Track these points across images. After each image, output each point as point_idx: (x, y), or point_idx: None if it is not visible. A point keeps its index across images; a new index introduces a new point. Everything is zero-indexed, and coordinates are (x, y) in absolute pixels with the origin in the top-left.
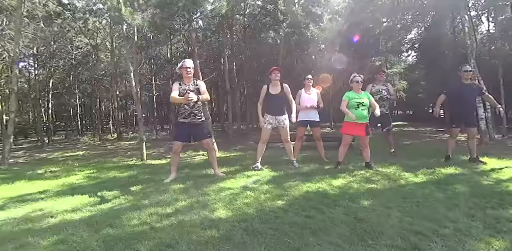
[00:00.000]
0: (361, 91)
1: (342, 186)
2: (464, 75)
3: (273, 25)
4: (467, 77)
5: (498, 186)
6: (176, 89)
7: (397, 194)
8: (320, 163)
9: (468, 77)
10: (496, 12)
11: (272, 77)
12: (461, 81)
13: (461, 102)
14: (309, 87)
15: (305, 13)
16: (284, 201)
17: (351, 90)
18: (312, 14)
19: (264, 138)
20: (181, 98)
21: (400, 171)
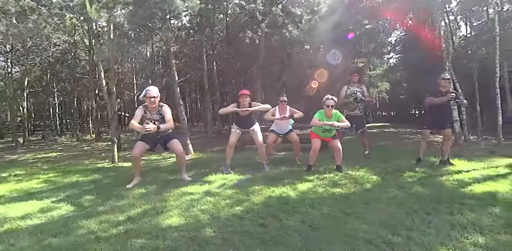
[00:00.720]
0: (332, 112)
1: (307, 191)
2: (442, 83)
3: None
4: (445, 85)
5: (461, 190)
6: (138, 116)
7: (360, 199)
8: (291, 166)
9: (446, 85)
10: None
11: (240, 101)
12: (438, 88)
13: (437, 110)
14: (283, 106)
15: (285, 14)
16: (242, 208)
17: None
18: (291, 15)
19: (232, 141)
20: (139, 127)
21: (369, 174)
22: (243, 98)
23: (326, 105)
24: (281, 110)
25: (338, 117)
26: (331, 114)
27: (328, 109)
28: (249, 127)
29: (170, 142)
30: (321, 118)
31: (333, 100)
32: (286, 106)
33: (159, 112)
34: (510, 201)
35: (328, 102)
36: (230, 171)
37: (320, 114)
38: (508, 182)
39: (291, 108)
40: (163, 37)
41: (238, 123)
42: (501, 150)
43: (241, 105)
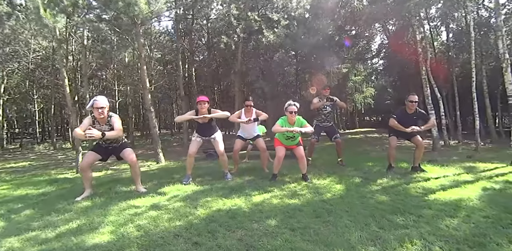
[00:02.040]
0: (295, 118)
1: (261, 203)
2: (409, 105)
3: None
4: (411, 107)
5: (424, 198)
6: (85, 124)
7: (314, 211)
8: (257, 175)
9: (413, 108)
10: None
11: (198, 108)
12: (405, 110)
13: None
14: (248, 109)
15: (261, 19)
16: (184, 223)
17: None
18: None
19: (192, 150)
20: (82, 134)
21: (334, 183)
22: (201, 104)
23: (289, 111)
24: (246, 113)
25: (301, 123)
26: (294, 121)
27: (291, 115)
28: (209, 135)
29: (123, 152)
30: (283, 125)
31: (295, 106)
32: (252, 109)
33: (109, 122)
34: (471, 211)
35: (290, 108)
36: (189, 182)
37: (283, 121)
38: (475, 188)
39: (257, 110)
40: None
41: (198, 131)
42: (478, 155)
43: (199, 112)
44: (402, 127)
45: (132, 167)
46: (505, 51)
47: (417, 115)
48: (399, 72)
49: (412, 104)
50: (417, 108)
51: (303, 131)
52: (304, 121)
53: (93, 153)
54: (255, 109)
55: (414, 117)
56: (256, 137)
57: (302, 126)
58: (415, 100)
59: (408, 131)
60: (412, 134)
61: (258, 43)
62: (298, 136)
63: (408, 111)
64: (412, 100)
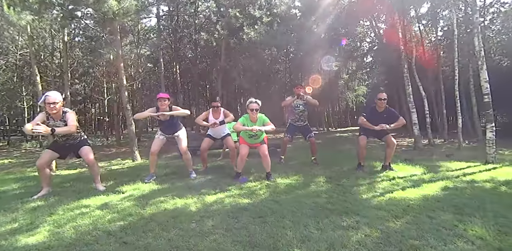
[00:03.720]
0: (257, 116)
1: (212, 202)
2: (378, 103)
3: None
4: (381, 105)
5: (378, 200)
6: (36, 120)
7: (259, 211)
8: (224, 174)
9: (382, 106)
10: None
11: (159, 105)
12: (375, 108)
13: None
14: (217, 110)
15: (243, 16)
16: (125, 222)
17: None
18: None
19: (154, 148)
20: (29, 130)
21: (296, 183)
22: (161, 101)
23: (250, 109)
24: (214, 114)
25: (263, 121)
26: (256, 118)
27: (252, 113)
28: (172, 133)
29: (81, 150)
30: (245, 123)
31: (257, 104)
32: (220, 109)
33: (63, 118)
34: (420, 212)
35: (251, 106)
36: (151, 181)
37: (244, 118)
38: (436, 188)
39: (225, 111)
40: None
41: (161, 129)
42: (459, 154)
43: (159, 109)
44: (371, 125)
45: (90, 166)
46: (480, 49)
47: (387, 113)
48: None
49: (381, 102)
50: (387, 106)
51: (263, 129)
52: (266, 119)
53: (49, 151)
54: (223, 109)
55: (384, 115)
56: (225, 135)
57: (264, 124)
58: (384, 98)
59: (377, 129)
60: (383, 133)
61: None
62: (261, 134)
63: (378, 110)
64: (380, 97)
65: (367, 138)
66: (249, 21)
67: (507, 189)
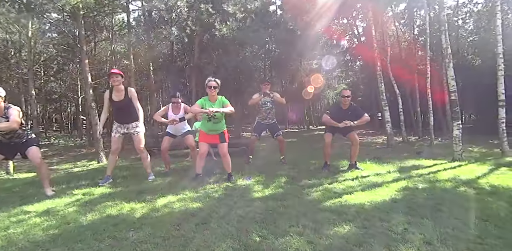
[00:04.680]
0: (217, 97)
1: (160, 207)
2: (342, 100)
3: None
4: (345, 103)
5: (333, 202)
6: None
7: (206, 216)
8: (185, 176)
9: (346, 103)
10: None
11: (111, 82)
12: (339, 105)
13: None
14: (177, 106)
15: (216, 11)
16: (60, 231)
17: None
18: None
19: (113, 148)
20: None
21: (256, 184)
22: (113, 78)
23: (208, 86)
24: (174, 110)
25: (222, 102)
26: (216, 98)
27: (211, 91)
28: (128, 122)
29: (28, 150)
30: (203, 104)
31: (215, 82)
32: (180, 105)
33: (6, 115)
34: (373, 214)
35: (210, 83)
36: (105, 184)
37: (203, 100)
38: (396, 188)
39: (186, 106)
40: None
41: (116, 117)
42: (429, 151)
43: (114, 90)
44: (334, 122)
45: (38, 168)
46: (447, 46)
47: (351, 110)
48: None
49: (344, 99)
50: (351, 103)
51: (221, 111)
52: (226, 101)
53: None
54: (183, 105)
55: (348, 113)
56: (185, 133)
57: (223, 106)
58: (347, 95)
59: (341, 126)
60: (347, 130)
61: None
62: (221, 120)
63: (342, 107)
64: (344, 95)
65: (333, 135)
66: (222, 17)
67: (467, 188)
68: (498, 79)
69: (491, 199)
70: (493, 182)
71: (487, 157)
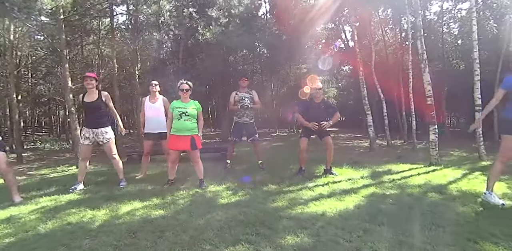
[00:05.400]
0: (189, 100)
1: (122, 215)
2: (314, 93)
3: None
4: (317, 95)
5: (296, 208)
6: None
7: (164, 224)
8: (155, 182)
9: (318, 96)
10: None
11: (85, 85)
12: (312, 99)
13: (311, 119)
14: (154, 94)
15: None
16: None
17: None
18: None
19: (83, 155)
20: None
21: (225, 190)
22: (88, 81)
23: (181, 89)
24: (152, 98)
25: (195, 104)
26: (188, 101)
27: (183, 93)
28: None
29: None
30: (175, 106)
31: (188, 85)
32: (157, 94)
33: None
34: (331, 221)
35: (182, 86)
36: (75, 190)
37: (176, 102)
38: (365, 194)
39: (165, 99)
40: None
41: (86, 121)
42: (411, 155)
43: (87, 93)
44: (306, 123)
45: (4, 175)
46: (423, 52)
47: (324, 104)
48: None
49: (317, 91)
50: (325, 98)
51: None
52: (199, 107)
53: None
54: (162, 97)
55: (322, 106)
56: (161, 133)
57: (198, 110)
58: (318, 88)
59: (312, 127)
60: (323, 134)
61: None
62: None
63: (315, 100)
64: (316, 87)
65: (309, 140)
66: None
67: (434, 194)
68: (475, 84)
69: (455, 204)
70: (462, 187)
71: (464, 161)
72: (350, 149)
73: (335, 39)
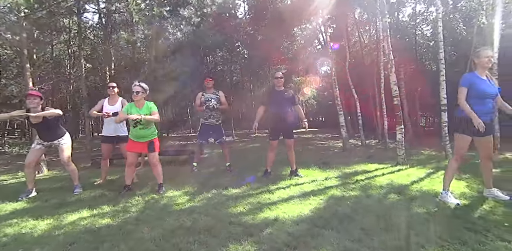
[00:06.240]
0: (144, 102)
1: (66, 225)
2: (275, 82)
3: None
4: (278, 84)
5: (244, 214)
6: None
7: (105, 235)
8: (112, 188)
9: (279, 84)
10: None
11: (28, 103)
12: (274, 88)
13: (274, 108)
14: (113, 97)
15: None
16: None
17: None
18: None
19: (27, 161)
20: None
21: (182, 195)
22: (30, 99)
23: (134, 91)
24: (111, 100)
25: (150, 109)
26: (142, 104)
27: (135, 96)
28: (52, 139)
29: None
30: (128, 110)
31: (141, 87)
32: (117, 96)
33: None
34: (282, 226)
35: (135, 88)
36: (24, 198)
37: (129, 106)
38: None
39: (124, 101)
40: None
41: (38, 135)
42: (381, 155)
43: (31, 109)
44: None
45: None
46: (390, 52)
47: (287, 92)
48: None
49: (277, 80)
50: (286, 87)
51: (143, 118)
52: (154, 108)
53: None
54: (121, 99)
55: (285, 93)
56: (123, 137)
57: (151, 114)
58: (279, 76)
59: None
60: (289, 135)
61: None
62: (148, 125)
63: (277, 89)
64: (276, 76)
65: (277, 140)
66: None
67: (394, 195)
68: (440, 84)
69: (412, 205)
70: (423, 187)
71: (431, 160)
72: (324, 149)
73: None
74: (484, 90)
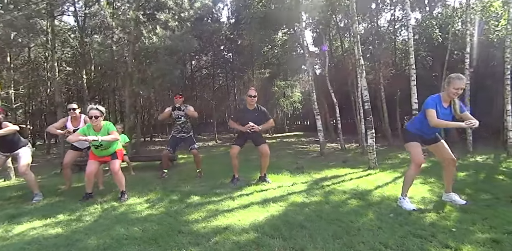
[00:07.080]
0: (99, 124)
1: (12, 236)
2: (248, 100)
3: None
4: (250, 102)
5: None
6: None
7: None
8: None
9: (252, 103)
10: None
11: None
12: (246, 106)
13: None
14: (76, 118)
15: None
16: None
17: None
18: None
19: None
20: None
21: (143, 203)
22: None
23: (89, 116)
24: (73, 122)
25: (107, 130)
26: (99, 127)
27: (92, 121)
28: (10, 151)
29: None
30: (86, 132)
31: (98, 110)
32: (79, 115)
33: None
34: (233, 234)
35: (91, 113)
36: None
37: (86, 128)
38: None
39: (87, 118)
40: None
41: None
42: (357, 159)
43: None
44: (238, 126)
45: None
46: (360, 57)
47: (258, 111)
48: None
49: (250, 98)
50: (258, 106)
51: (100, 139)
52: (111, 128)
53: None
54: (84, 116)
55: (255, 114)
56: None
57: (109, 133)
58: (252, 95)
59: (244, 130)
60: (259, 141)
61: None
62: (109, 145)
63: (248, 107)
64: (250, 94)
65: (241, 146)
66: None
67: (354, 201)
68: (411, 89)
69: (368, 211)
70: (386, 192)
71: (404, 163)
72: (303, 153)
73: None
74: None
